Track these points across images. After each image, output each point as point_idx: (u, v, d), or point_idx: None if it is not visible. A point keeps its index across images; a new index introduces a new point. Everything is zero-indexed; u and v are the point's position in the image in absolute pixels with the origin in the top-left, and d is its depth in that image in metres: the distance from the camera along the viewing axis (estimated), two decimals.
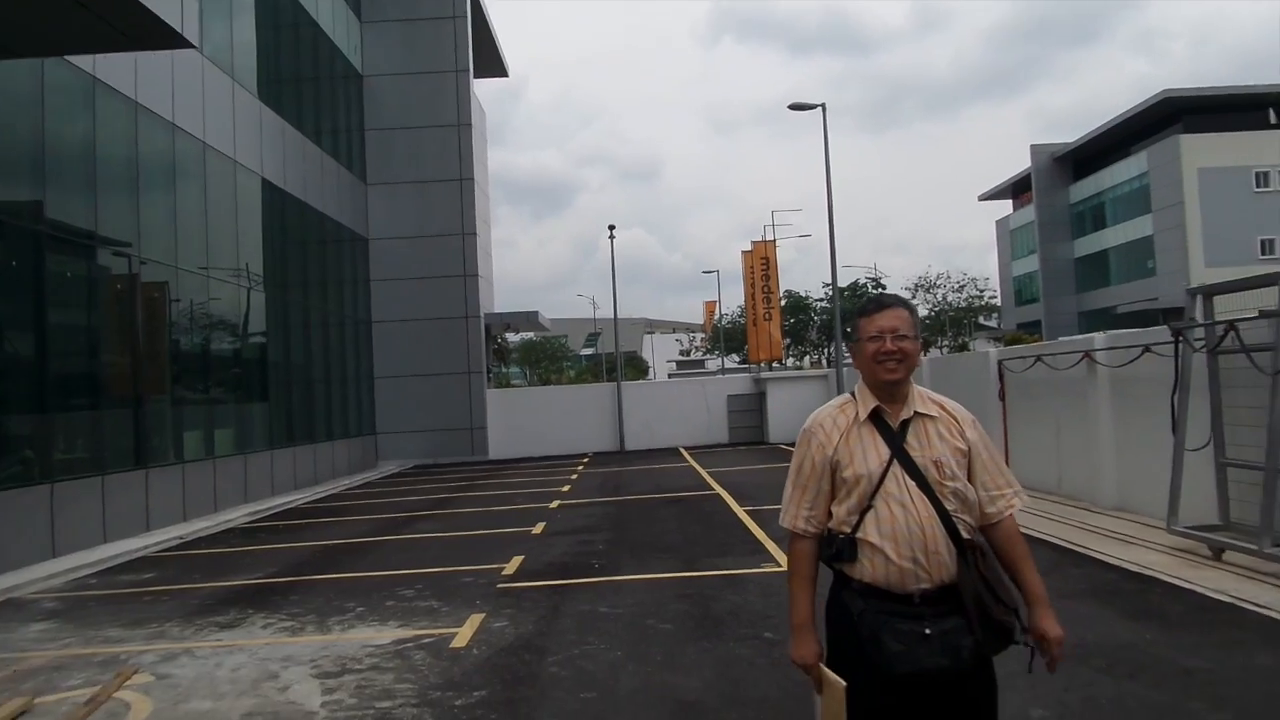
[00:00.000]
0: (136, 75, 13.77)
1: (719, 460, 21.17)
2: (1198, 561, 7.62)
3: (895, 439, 2.52)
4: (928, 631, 2.40)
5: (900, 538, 2.44)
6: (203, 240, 15.98)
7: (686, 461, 21.66)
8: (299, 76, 21.79)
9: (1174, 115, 52.73)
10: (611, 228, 31.01)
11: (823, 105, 21.42)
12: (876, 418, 2.56)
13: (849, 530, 2.50)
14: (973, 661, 2.42)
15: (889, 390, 2.56)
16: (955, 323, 65.42)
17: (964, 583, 2.43)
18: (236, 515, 15.12)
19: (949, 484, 2.49)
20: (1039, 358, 12.14)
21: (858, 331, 2.63)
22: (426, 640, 6.55)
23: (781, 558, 8.71)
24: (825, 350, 54.44)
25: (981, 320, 70.06)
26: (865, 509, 2.49)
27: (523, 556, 9.70)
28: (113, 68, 13.08)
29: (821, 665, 2.53)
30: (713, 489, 15.36)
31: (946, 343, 62.96)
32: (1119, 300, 55.56)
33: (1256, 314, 7.35)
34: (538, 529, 11.75)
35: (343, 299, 23.85)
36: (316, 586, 8.85)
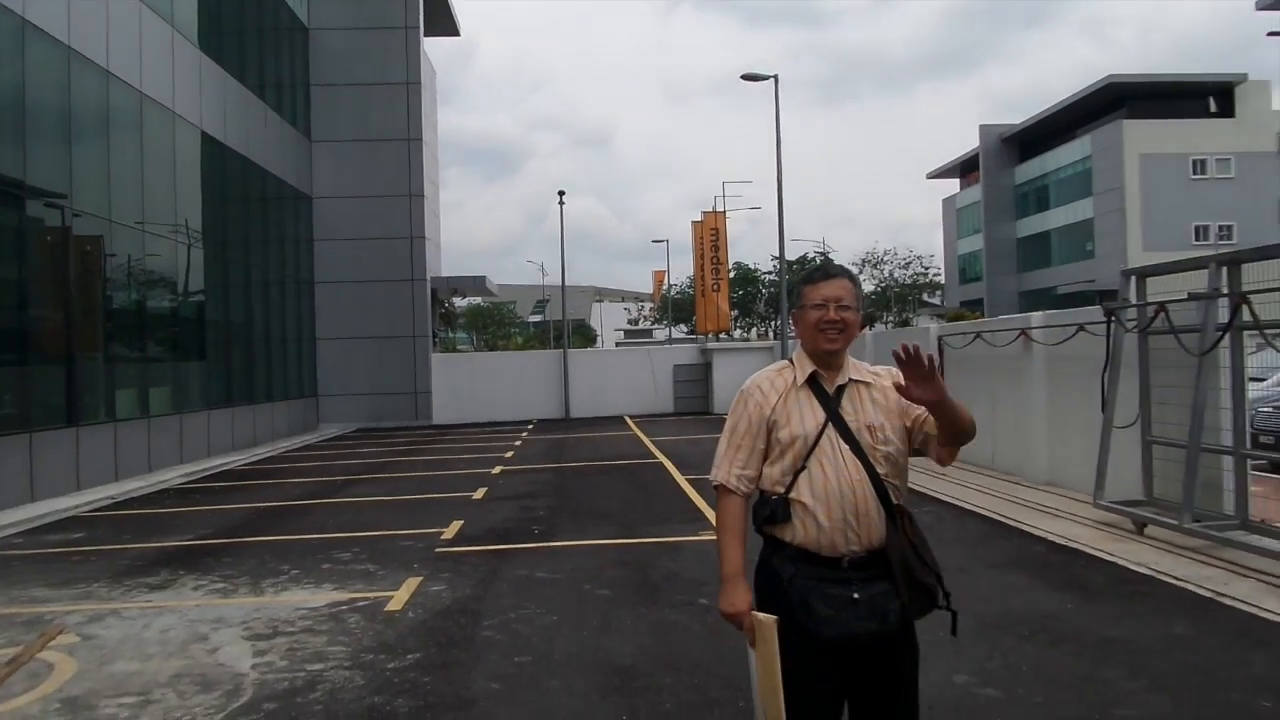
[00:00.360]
0: (70, 19, 13.26)
1: (663, 429, 21.27)
2: (1122, 535, 7.86)
3: (830, 403, 2.57)
4: (856, 596, 2.45)
5: (832, 499, 2.49)
6: (139, 194, 15.51)
7: (631, 430, 21.72)
8: (242, 27, 21.17)
9: (1118, 101, 53.70)
10: (561, 194, 30.78)
11: (775, 77, 21.41)
12: (813, 383, 2.60)
13: (783, 490, 2.55)
14: (899, 625, 2.48)
15: (827, 359, 2.61)
16: (900, 299, 66.31)
17: (892, 546, 2.49)
18: (171, 476, 14.84)
19: (881, 448, 2.54)
20: (978, 334, 12.36)
21: (802, 298, 2.65)
22: (361, 603, 6.51)
23: None
24: (773, 322, 54.84)
25: (926, 297, 71.11)
26: (799, 470, 2.53)
27: (462, 521, 9.67)
28: (44, 10, 12.57)
29: (752, 612, 2.56)
30: (655, 457, 15.44)
31: (891, 318, 63.81)
32: (1059, 281, 56.72)
33: (1186, 296, 7.55)
34: (479, 494, 11.71)
35: (284, 258, 23.37)
36: (251, 548, 8.72)
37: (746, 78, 21.63)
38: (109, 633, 6.00)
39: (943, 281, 72.01)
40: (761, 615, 2.51)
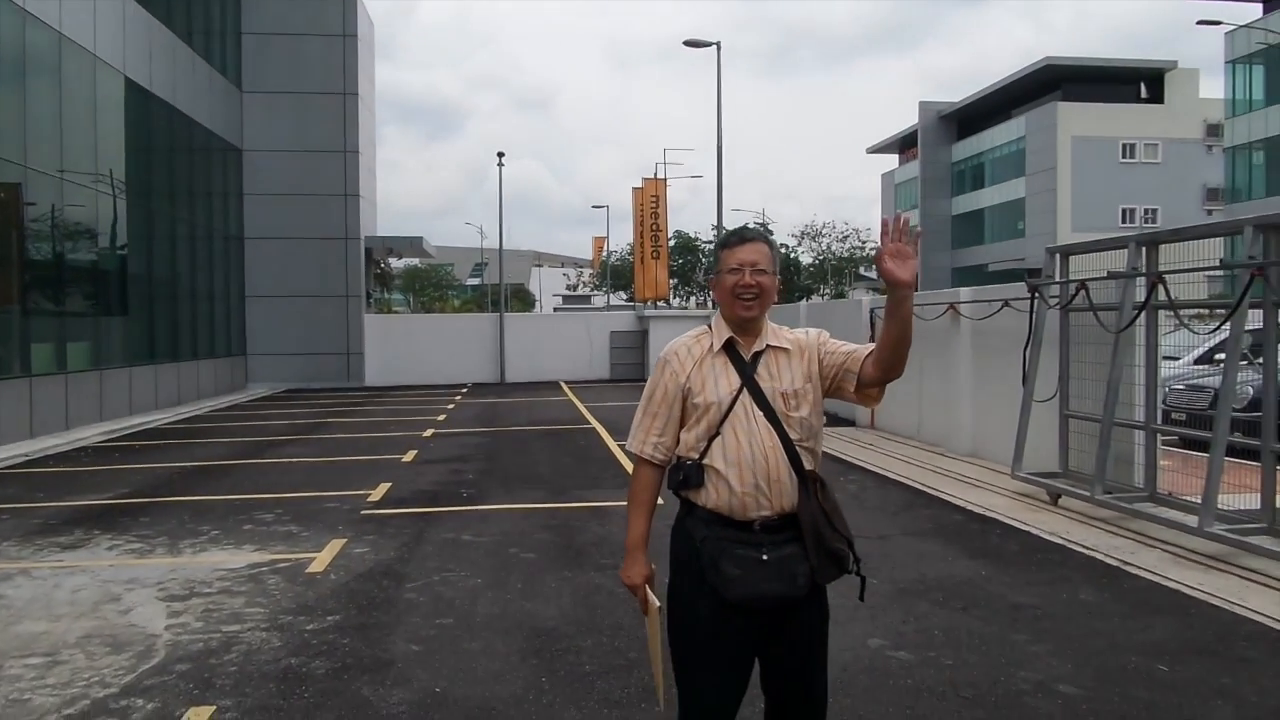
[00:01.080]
0: None
1: (598, 395, 21.27)
2: (1037, 506, 8.10)
3: (746, 369, 2.56)
4: (765, 557, 2.47)
5: (744, 465, 2.50)
6: (58, 141, 14.89)
7: (566, 395, 21.69)
8: None
9: (1054, 82, 54.68)
10: (500, 155, 30.41)
11: (717, 44, 21.34)
12: (730, 348, 2.59)
13: (696, 456, 2.56)
14: (808, 588, 2.50)
15: (744, 324, 2.60)
16: (837, 271, 67.03)
17: (803, 512, 2.50)
18: (90, 434, 14.40)
19: (795, 414, 2.54)
20: None
21: (718, 264, 2.64)
22: (282, 565, 6.41)
23: None
24: (710, 291, 55.02)
25: (862, 271, 72.03)
26: (713, 436, 2.54)
27: (390, 484, 9.57)
28: None
29: (646, 586, 2.63)
30: (589, 423, 15.45)
31: (827, 290, 64.50)
32: (991, 259, 57.90)
33: (1105, 275, 7.75)
34: (408, 457, 11.60)
35: (212, 212, 22.69)
36: (170, 508, 8.53)
37: (689, 44, 21.50)
38: (17, 592, 5.83)
39: None
40: (651, 596, 2.59)
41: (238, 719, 3.91)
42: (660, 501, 2.70)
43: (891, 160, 75.47)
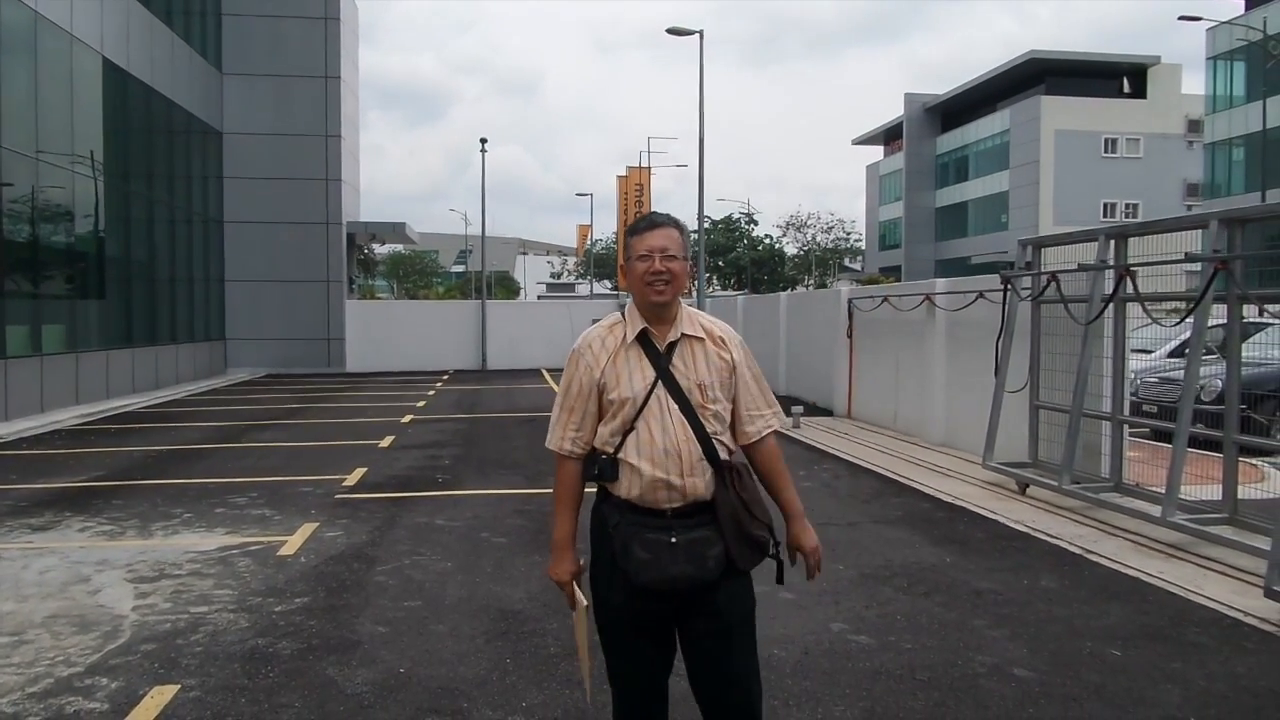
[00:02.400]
0: None
1: None
2: (1006, 495, 8.19)
3: (661, 361, 2.54)
4: (674, 540, 2.47)
5: (657, 459, 2.49)
6: (33, 121, 14.75)
7: (546, 383, 21.71)
8: None
9: (1038, 76, 54.90)
10: (484, 141, 30.30)
11: (700, 32, 21.31)
12: (644, 339, 2.56)
13: (611, 451, 2.55)
14: (719, 571, 2.49)
15: (657, 312, 2.56)
16: (821, 262, 67.21)
17: (721, 504, 2.50)
18: (66, 416, 14.33)
19: (710, 406, 2.53)
20: (885, 298, 12.64)
21: (629, 250, 2.60)
22: (253, 548, 6.43)
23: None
24: (695, 280, 55.10)
25: (847, 262, 72.25)
26: (628, 431, 2.52)
27: (366, 469, 9.58)
28: None
29: (574, 583, 2.64)
30: None
31: (811, 281, 64.70)
32: (974, 251, 58.16)
33: (1076, 267, 7.83)
34: (385, 442, 11.61)
35: (191, 195, 22.54)
36: (143, 491, 8.52)
37: (672, 31, 21.47)
38: None
39: (864, 247, 73.17)
40: (578, 593, 2.64)
41: (201, 698, 3.94)
42: (590, 489, 2.68)
43: (877, 152, 75.63)
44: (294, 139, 24.95)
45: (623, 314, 2.64)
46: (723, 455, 2.54)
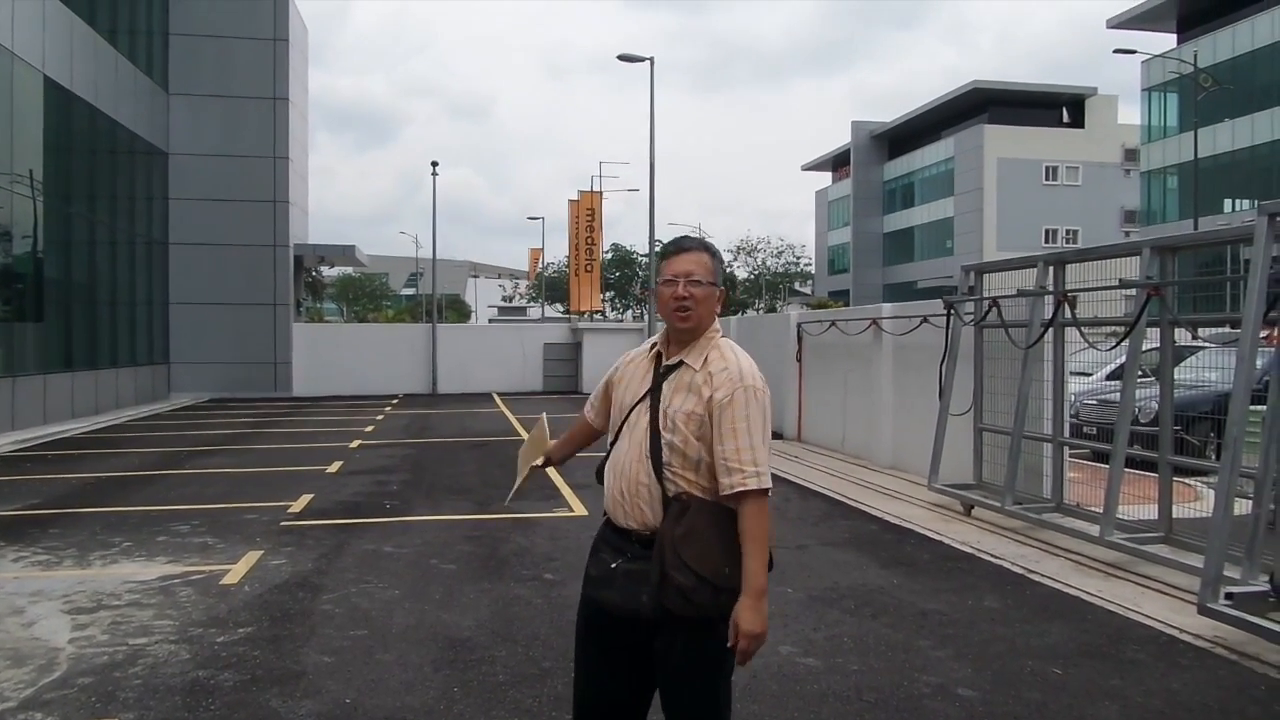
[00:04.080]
0: None
1: (530, 407, 21.21)
2: (951, 516, 8.33)
3: (658, 379, 2.55)
4: (614, 566, 2.48)
5: (617, 471, 2.54)
6: None
7: (498, 407, 21.60)
8: None
9: (981, 105, 56.28)
10: (435, 164, 30.17)
11: (651, 59, 21.55)
12: (659, 357, 2.61)
13: (605, 455, 2.64)
14: (653, 611, 2.38)
15: (680, 335, 2.56)
16: (772, 287, 67.82)
17: (659, 533, 2.41)
18: (0, 443, 13.93)
19: (665, 435, 2.45)
20: (833, 322, 12.81)
21: (659, 273, 2.63)
22: (195, 577, 6.29)
23: (575, 503, 8.88)
24: (647, 304, 55.29)
25: (796, 286, 73.01)
26: (616, 438, 2.60)
27: (312, 495, 9.44)
28: None
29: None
30: (519, 434, 15.40)
31: (762, 305, 65.21)
32: (921, 276, 59.18)
33: (1015, 293, 8.03)
34: (333, 468, 11.45)
35: (135, 216, 22.11)
36: (81, 520, 8.30)
37: (623, 58, 21.67)
38: None
39: (813, 272, 74.02)
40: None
41: None
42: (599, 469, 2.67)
43: (825, 178, 76.77)
44: (241, 160, 24.64)
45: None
46: (676, 489, 2.44)
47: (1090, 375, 12.30)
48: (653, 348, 2.65)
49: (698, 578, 2.34)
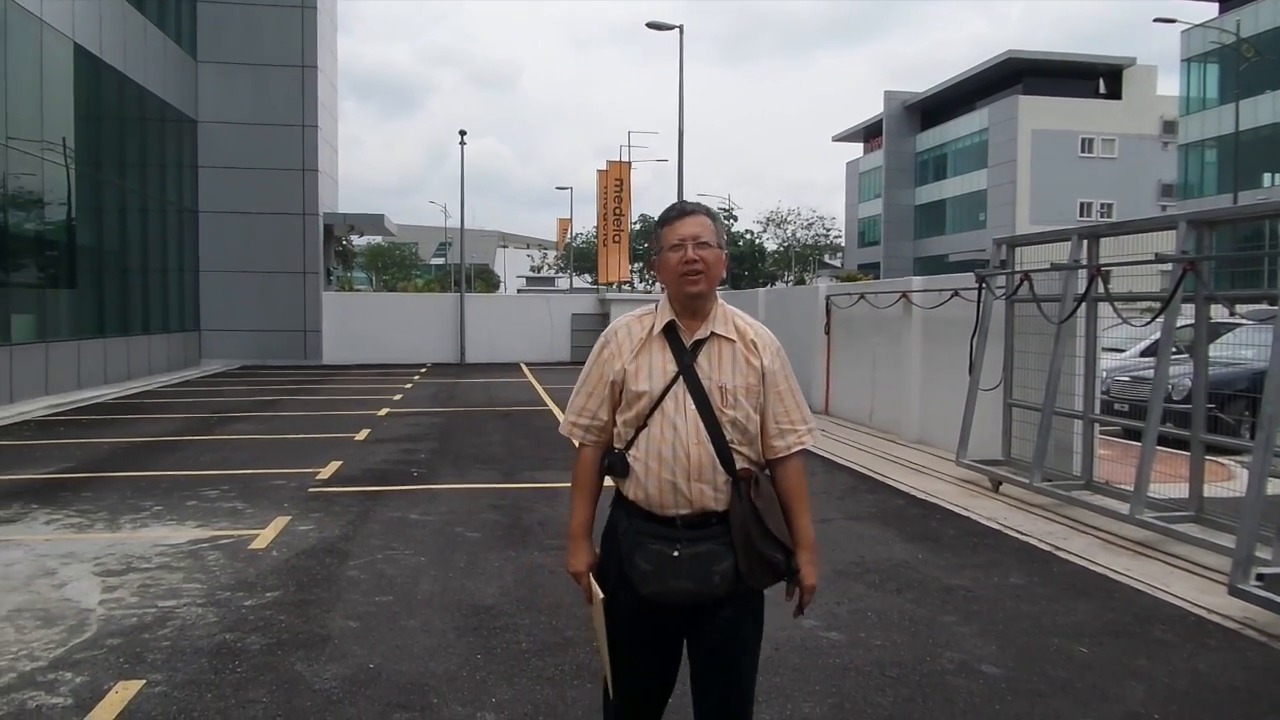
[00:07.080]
0: None
1: (558, 377, 21.25)
2: (978, 492, 8.25)
3: (685, 357, 2.41)
4: (676, 554, 2.36)
5: (664, 460, 2.38)
6: (3, 108, 14.52)
7: (525, 377, 21.66)
8: None
9: (1015, 76, 55.25)
10: (462, 133, 30.05)
11: (680, 27, 21.30)
12: (670, 332, 2.45)
13: (622, 446, 2.46)
14: (726, 588, 2.38)
15: (691, 305, 2.44)
16: (801, 259, 67.40)
17: (734, 515, 2.38)
18: (34, 407, 14.16)
19: (728, 412, 2.39)
20: (863, 295, 12.69)
21: (660, 241, 2.48)
22: (224, 541, 6.37)
23: None
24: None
25: (826, 258, 72.48)
26: (641, 426, 2.41)
27: (341, 462, 9.52)
28: None
29: (590, 575, 2.52)
30: (546, 404, 15.45)
31: (791, 277, 64.86)
32: (952, 249, 58.52)
33: (1049, 266, 7.89)
34: (361, 436, 11.54)
35: (165, 184, 22.28)
36: (113, 483, 8.42)
37: (652, 25, 21.45)
38: None
39: (843, 244, 73.42)
40: (595, 586, 2.49)
41: (167, 693, 3.90)
42: (608, 481, 2.57)
43: (856, 149, 75.89)
44: (270, 128, 24.71)
45: (655, 305, 2.54)
46: (739, 465, 2.41)
47: (1123, 351, 12.12)
48: (649, 325, 2.48)
49: (784, 549, 2.45)
